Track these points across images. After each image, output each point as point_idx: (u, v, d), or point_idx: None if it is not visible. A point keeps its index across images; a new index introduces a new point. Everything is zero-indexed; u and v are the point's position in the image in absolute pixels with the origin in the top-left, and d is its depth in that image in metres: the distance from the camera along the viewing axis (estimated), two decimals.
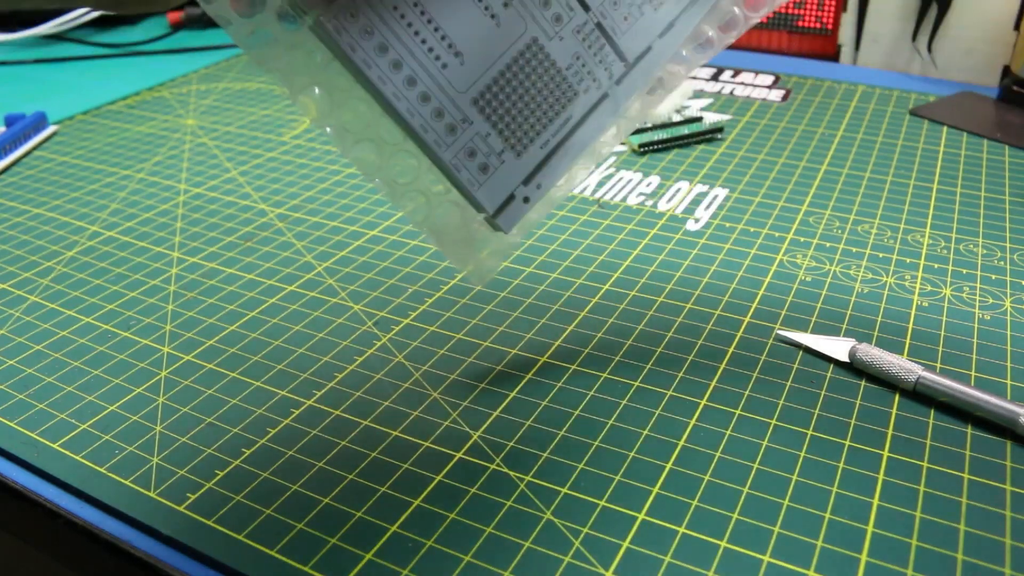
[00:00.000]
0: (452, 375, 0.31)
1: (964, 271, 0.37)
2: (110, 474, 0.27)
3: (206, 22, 0.78)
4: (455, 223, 0.28)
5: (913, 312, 0.34)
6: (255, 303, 0.36)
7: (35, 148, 0.53)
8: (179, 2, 0.23)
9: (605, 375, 0.31)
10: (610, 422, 0.28)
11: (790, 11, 0.65)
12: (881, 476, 0.26)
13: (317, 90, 0.25)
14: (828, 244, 0.39)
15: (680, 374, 0.31)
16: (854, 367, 0.30)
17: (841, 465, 0.26)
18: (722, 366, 0.31)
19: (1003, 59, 0.57)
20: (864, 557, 0.23)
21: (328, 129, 0.25)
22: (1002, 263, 0.37)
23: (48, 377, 0.32)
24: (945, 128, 0.51)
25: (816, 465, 0.26)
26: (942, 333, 0.33)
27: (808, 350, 0.32)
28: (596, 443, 0.28)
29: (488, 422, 0.29)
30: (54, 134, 0.55)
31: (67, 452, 0.28)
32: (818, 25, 0.64)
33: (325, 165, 0.50)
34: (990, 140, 0.50)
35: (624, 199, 0.44)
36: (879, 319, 0.33)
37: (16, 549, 0.28)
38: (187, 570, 0.24)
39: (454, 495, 0.26)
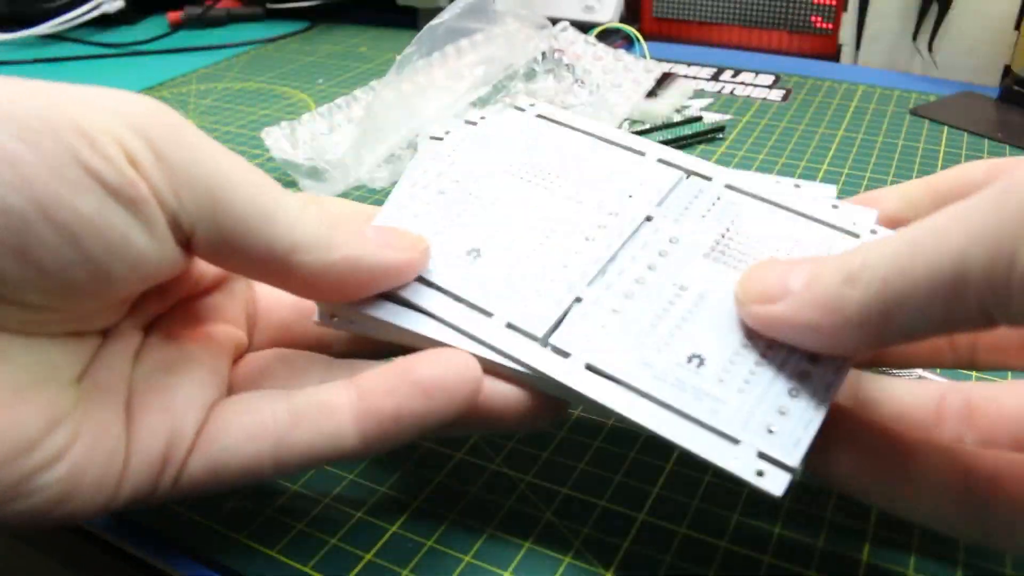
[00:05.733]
0: None
1: None
2: None
3: (206, 22, 0.78)
4: None
5: None
6: None
7: None
8: None
9: None
10: (610, 422, 0.28)
11: (790, 11, 0.64)
12: None
13: None
14: None
15: None
16: (856, 366, 0.30)
17: None
18: None
19: (1004, 59, 0.57)
20: (865, 558, 0.23)
21: None
22: None
23: None
24: (946, 128, 0.51)
25: None
26: None
27: None
28: (596, 443, 0.28)
29: None
30: None
31: None
32: (819, 25, 0.64)
33: None
34: (991, 140, 0.49)
35: None
36: None
37: (16, 549, 0.28)
38: (187, 570, 0.24)
39: (454, 495, 0.26)
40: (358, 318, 0.23)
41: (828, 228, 0.24)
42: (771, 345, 0.21)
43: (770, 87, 0.59)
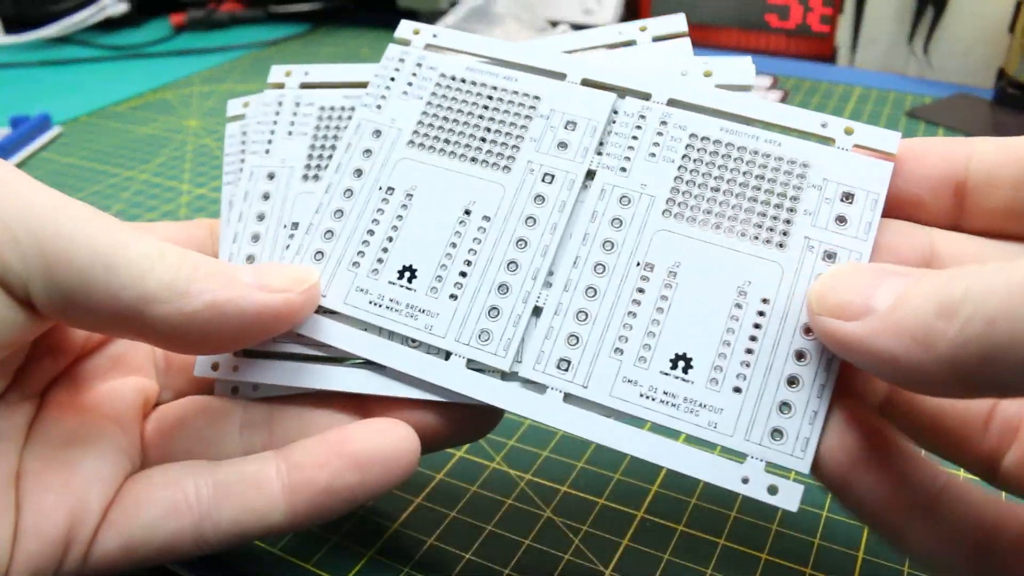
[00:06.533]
0: None
1: None
2: None
3: (209, 24, 0.78)
4: None
5: None
6: None
7: (40, 149, 0.54)
8: None
9: None
10: None
11: (787, 12, 0.65)
12: None
13: None
14: None
15: None
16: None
17: None
18: None
19: (998, 61, 0.57)
20: (861, 555, 0.24)
21: None
22: None
23: None
24: (941, 130, 0.52)
25: None
26: None
27: None
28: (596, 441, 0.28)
29: None
30: (58, 135, 0.56)
31: None
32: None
33: None
34: None
35: None
36: None
37: None
38: (189, 568, 0.24)
39: (455, 493, 0.26)
40: (247, 376, 0.21)
41: (793, 139, 0.20)
42: (760, 323, 0.19)
43: (768, 89, 0.60)
